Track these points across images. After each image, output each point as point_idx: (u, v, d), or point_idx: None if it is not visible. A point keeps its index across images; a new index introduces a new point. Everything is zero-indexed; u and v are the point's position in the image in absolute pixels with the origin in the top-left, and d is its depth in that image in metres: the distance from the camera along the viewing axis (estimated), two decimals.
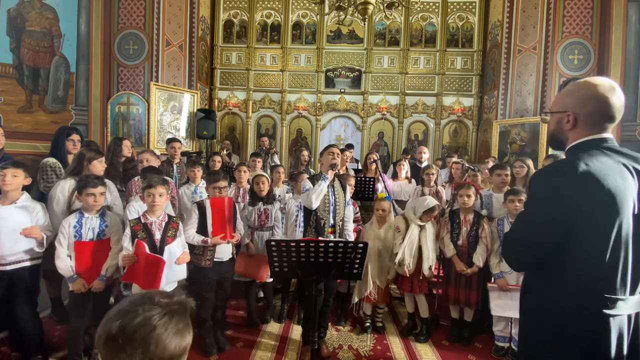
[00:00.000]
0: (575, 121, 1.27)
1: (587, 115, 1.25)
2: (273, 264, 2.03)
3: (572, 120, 1.27)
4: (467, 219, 3.05)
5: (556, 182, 1.20)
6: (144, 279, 2.34)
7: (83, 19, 6.30)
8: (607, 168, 1.16)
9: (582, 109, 1.25)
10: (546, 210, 1.21)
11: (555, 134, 1.36)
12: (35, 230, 2.37)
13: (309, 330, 2.50)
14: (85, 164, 2.73)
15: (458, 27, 8.17)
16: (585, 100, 1.25)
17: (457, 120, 8.19)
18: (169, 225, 2.50)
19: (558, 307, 1.23)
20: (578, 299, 1.20)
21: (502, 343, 2.91)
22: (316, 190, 2.71)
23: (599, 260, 1.17)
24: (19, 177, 2.38)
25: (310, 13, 8.37)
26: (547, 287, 1.26)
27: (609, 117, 1.24)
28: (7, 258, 2.35)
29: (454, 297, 3.04)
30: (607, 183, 1.14)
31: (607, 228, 1.15)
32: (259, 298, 3.59)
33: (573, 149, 1.29)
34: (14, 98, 5.80)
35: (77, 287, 2.34)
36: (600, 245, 1.16)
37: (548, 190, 1.22)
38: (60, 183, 2.68)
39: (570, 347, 1.22)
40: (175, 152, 4.21)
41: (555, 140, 1.39)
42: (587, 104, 1.24)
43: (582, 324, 1.19)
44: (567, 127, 1.29)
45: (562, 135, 1.33)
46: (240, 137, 8.53)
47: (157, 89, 6.69)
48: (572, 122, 1.27)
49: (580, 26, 6.59)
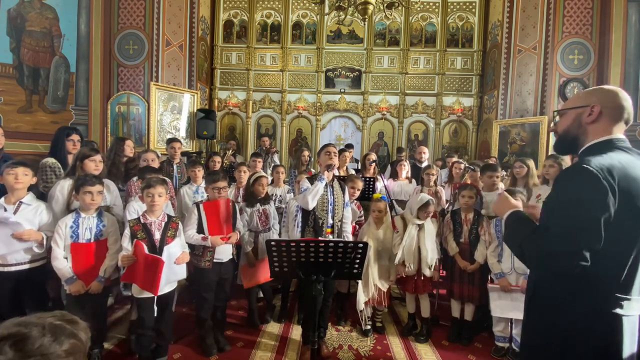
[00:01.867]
0: (600, 114, 1.24)
1: (614, 109, 1.23)
2: (273, 264, 2.03)
3: (597, 112, 1.24)
4: (468, 218, 3.12)
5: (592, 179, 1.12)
6: (144, 279, 2.34)
7: (83, 19, 6.30)
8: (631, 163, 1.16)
9: (609, 102, 1.24)
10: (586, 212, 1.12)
11: (570, 131, 1.30)
12: (29, 233, 2.32)
13: (308, 330, 2.51)
14: (77, 163, 2.71)
15: (458, 27, 8.17)
16: (612, 95, 1.25)
17: (457, 120, 8.19)
18: (168, 225, 2.50)
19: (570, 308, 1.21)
20: (591, 299, 1.18)
21: (502, 343, 2.91)
22: (312, 190, 2.69)
23: (616, 260, 1.15)
24: (28, 176, 2.40)
25: (310, 13, 8.37)
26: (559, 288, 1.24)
27: (628, 117, 1.24)
28: (13, 259, 2.34)
29: (459, 292, 3.09)
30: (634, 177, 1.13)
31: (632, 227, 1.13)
32: (259, 298, 3.59)
33: (591, 149, 1.24)
34: (14, 98, 5.81)
35: (76, 289, 2.33)
36: (622, 244, 1.14)
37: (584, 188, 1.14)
38: (59, 182, 2.68)
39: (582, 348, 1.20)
40: (175, 152, 4.21)
41: (566, 140, 1.33)
42: (615, 98, 1.24)
43: (595, 324, 1.17)
44: (588, 119, 1.25)
45: (579, 130, 1.28)
46: (240, 137, 8.53)
47: (157, 89, 6.69)
48: (595, 114, 1.24)
49: (580, 26, 6.59)
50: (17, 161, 2.52)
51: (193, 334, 2.98)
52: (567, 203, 1.17)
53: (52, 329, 0.73)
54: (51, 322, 0.74)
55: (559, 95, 6.63)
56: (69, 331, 0.75)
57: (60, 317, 0.78)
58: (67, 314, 0.82)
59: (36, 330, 0.71)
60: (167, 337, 2.62)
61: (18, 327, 0.72)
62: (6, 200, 2.37)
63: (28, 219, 2.36)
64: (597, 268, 1.14)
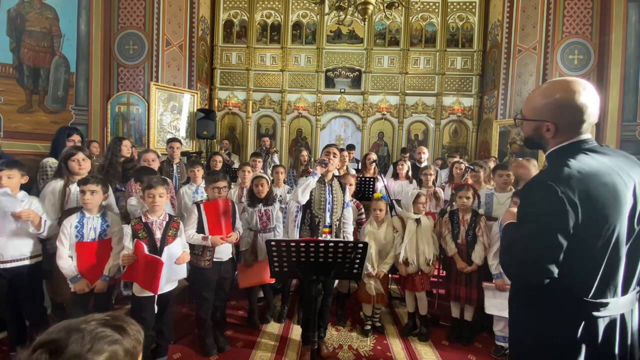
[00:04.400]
0: (555, 130, 1.26)
1: (566, 125, 1.25)
2: (273, 264, 2.03)
3: (553, 129, 1.26)
4: (465, 219, 3.10)
5: (549, 193, 1.15)
6: (143, 279, 2.34)
7: (83, 19, 6.30)
8: (593, 170, 1.16)
9: (561, 119, 1.24)
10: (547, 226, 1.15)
11: (534, 139, 1.36)
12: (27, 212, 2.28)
13: (308, 330, 2.50)
14: (62, 164, 2.69)
15: (458, 27, 8.18)
16: (561, 111, 1.24)
17: (457, 120, 8.19)
18: (169, 224, 2.50)
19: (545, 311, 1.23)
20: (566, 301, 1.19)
21: (502, 343, 2.91)
22: (303, 184, 2.68)
23: (589, 262, 1.16)
24: (14, 178, 2.37)
25: (310, 13, 8.37)
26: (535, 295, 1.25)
27: (586, 122, 1.24)
28: (8, 255, 2.34)
29: (455, 294, 3.08)
30: (600, 188, 1.14)
31: (598, 230, 1.14)
32: (259, 298, 3.59)
33: (555, 154, 1.29)
34: (14, 98, 5.80)
35: (81, 288, 2.34)
36: (591, 248, 1.15)
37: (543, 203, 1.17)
38: (50, 183, 2.68)
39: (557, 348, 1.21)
40: (175, 152, 4.21)
41: (532, 143, 1.39)
42: (565, 114, 1.24)
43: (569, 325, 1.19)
44: (547, 135, 1.29)
45: (542, 141, 1.33)
46: (240, 137, 8.54)
47: (157, 89, 6.69)
48: (552, 132, 1.27)
49: (580, 26, 6.58)
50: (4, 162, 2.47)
51: (193, 334, 2.98)
52: (529, 215, 1.23)
53: (93, 336, 0.71)
54: (93, 329, 0.72)
55: None
56: (110, 338, 0.72)
57: (106, 322, 0.75)
58: (118, 316, 0.78)
59: (75, 338, 0.69)
60: (167, 337, 2.62)
61: (60, 333, 0.70)
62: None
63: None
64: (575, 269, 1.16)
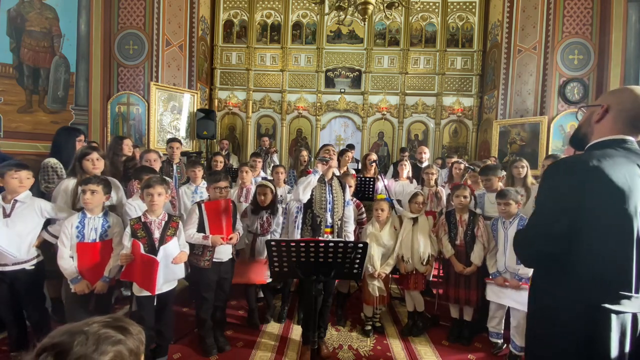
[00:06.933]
0: (604, 113, 1.26)
1: (619, 111, 1.24)
2: (273, 264, 2.03)
3: (602, 112, 1.26)
4: (463, 219, 3.08)
5: (564, 176, 1.22)
6: (141, 278, 2.35)
7: (83, 19, 6.30)
8: (619, 166, 1.16)
9: (617, 105, 1.25)
10: (552, 202, 1.25)
11: (582, 127, 1.36)
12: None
13: (308, 330, 2.50)
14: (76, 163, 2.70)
15: (458, 27, 8.17)
16: (624, 97, 1.25)
17: (457, 120, 8.19)
18: (168, 224, 2.50)
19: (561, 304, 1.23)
20: (581, 295, 1.20)
21: (496, 339, 2.93)
22: (304, 182, 2.68)
23: (605, 258, 1.17)
24: (30, 180, 2.44)
25: (310, 13, 8.37)
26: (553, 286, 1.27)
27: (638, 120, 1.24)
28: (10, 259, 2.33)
29: (454, 296, 3.06)
30: (615, 181, 1.14)
31: (615, 226, 1.15)
32: (259, 298, 3.59)
33: (591, 148, 1.30)
34: (14, 98, 5.81)
35: (81, 288, 2.33)
36: (607, 242, 1.16)
37: (555, 183, 1.25)
38: (63, 182, 2.69)
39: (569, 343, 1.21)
40: (175, 152, 4.21)
41: (578, 135, 1.38)
42: (624, 101, 1.24)
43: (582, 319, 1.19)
44: (594, 118, 1.29)
45: (588, 128, 1.33)
46: (240, 137, 8.53)
47: (157, 89, 6.69)
48: (600, 114, 1.27)
49: (580, 26, 6.58)
50: (17, 163, 2.49)
51: (193, 334, 2.98)
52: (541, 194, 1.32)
53: (96, 337, 0.72)
54: (96, 331, 0.73)
55: (559, 96, 6.63)
56: (114, 339, 0.74)
57: (108, 324, 0.76)
58: (119, 318, 0.80)
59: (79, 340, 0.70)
60: (167, 337, 2.62)
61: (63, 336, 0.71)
62: (3, 198, 2.37)
63: (23, 216, 2.37)
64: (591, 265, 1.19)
